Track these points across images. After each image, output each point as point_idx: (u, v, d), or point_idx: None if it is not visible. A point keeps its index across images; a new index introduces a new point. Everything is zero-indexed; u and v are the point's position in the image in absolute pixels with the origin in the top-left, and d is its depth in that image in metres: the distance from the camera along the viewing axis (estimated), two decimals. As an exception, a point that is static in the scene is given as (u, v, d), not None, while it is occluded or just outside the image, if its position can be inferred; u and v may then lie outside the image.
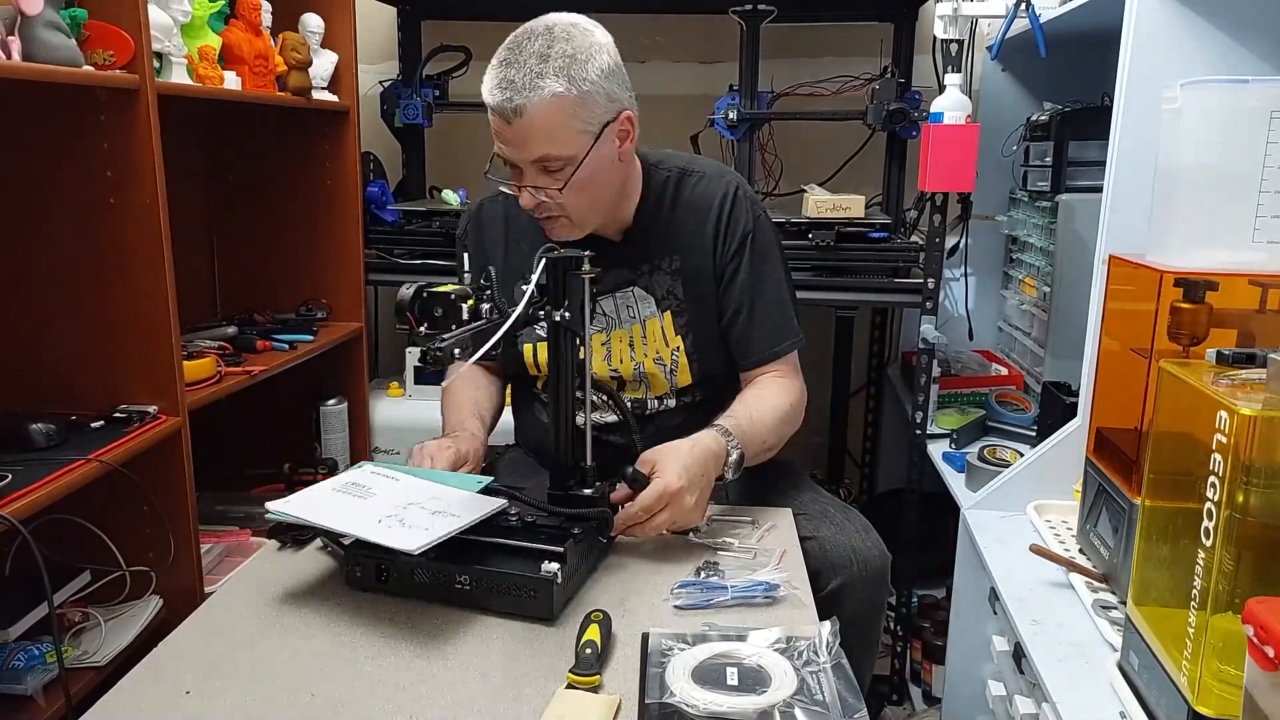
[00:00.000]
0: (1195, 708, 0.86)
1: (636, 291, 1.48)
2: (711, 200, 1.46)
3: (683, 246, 1.47)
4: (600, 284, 1.45)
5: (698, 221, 1.46)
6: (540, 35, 1.28)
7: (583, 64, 1.27)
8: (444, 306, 1.06)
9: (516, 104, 1.25)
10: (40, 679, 1.33)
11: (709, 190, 1.47)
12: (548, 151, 1.29)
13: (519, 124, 1.26)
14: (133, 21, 1.39)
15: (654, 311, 1.48)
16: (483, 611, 1.10)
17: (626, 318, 1.48)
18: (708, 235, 1.46)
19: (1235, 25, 1.33)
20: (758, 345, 1.48)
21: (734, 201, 1.46)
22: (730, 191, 1.47)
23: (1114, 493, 1.23)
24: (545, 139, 1.28)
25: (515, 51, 1.27)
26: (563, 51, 1.26)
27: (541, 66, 1.25)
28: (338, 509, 1.17)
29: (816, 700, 0.92)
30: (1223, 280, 1.12)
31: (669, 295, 1.48)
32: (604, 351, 1.48)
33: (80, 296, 1.49)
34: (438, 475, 1.29)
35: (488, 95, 1.28)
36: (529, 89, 1.24)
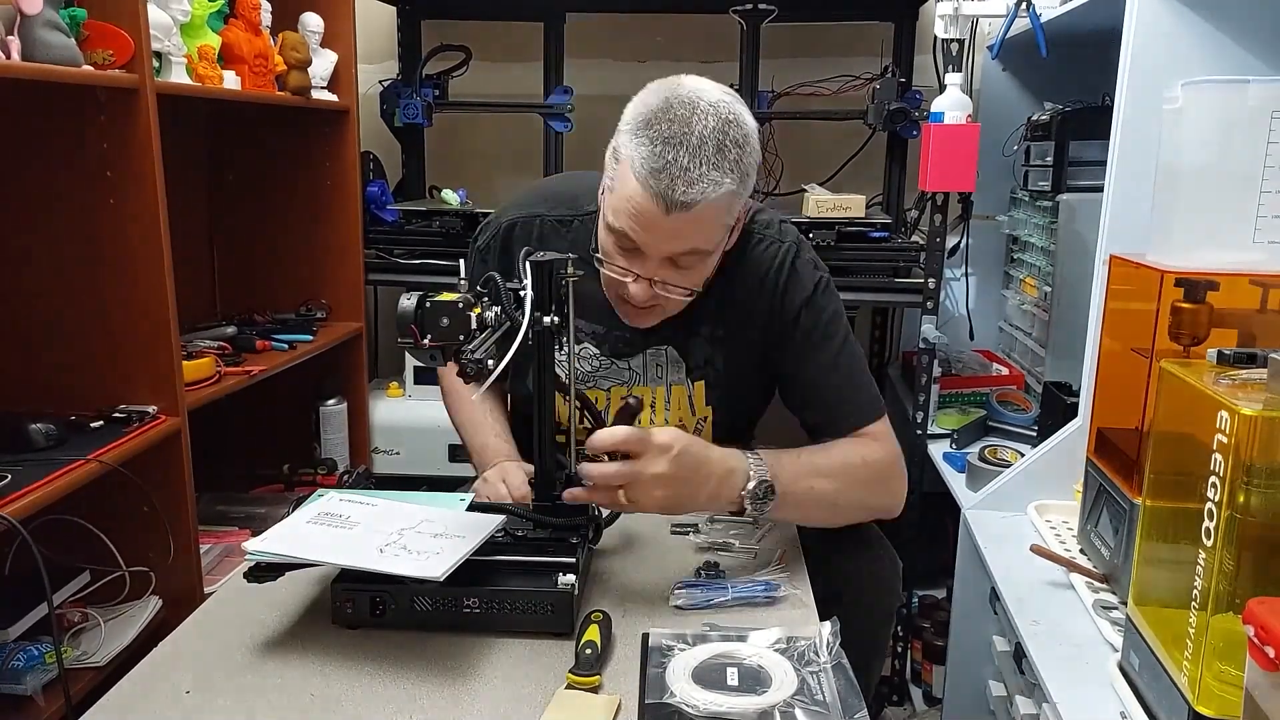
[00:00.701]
0: (1196, 708, 0.86)
1: (670, 352, 1.37)
2: (767, 267, 1.31)
3: (729, 316, 1.33)
4: (633, 345, 1.37)
5: (750, 290, 1.31)
6: (706, 113, 1.12)
7: (752, 154, 1.16)
8: (450, 316, 0.99)
9: (689, 198, 1.10)
10: (40, 679, 1.33)
11: (767, 255, 1.31)
12: (696, 246, 1.16)
13: (680, 217, 1.11)
14: (132, 21, 1.39)
15: (683, 379, 1.37)
16: (493, 634, 1.05)
17: (653, 377, 1.38)
18: (761, 305, 1.31)
19: (1235, 25, 1.33)
20: (837, 424, 1.30)
21: (792, 268, 1.31)
22: (789, 257, 1.31)
23: (1115, 493, 1.23)
24: (700, 234, 1.16)
25: (682, 128, 1.11)
26: (736, 140, 1.13)
27: (718, 157, 1.11)
28: (324, 542, 1.08)
29: (817, 700, 0.92)
30: (1223, 280, 1.12)
31: (706, 365, 1.37)
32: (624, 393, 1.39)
33: (80, 296, 1.49)
34: (412, 497, 1.25)
35: (647, 174, 1.10)
36: (704, 182, 1.10)
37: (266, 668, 1.00)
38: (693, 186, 1.10)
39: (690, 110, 1.12)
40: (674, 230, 1.14)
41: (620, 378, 1.40)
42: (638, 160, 1.12)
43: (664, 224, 1.13)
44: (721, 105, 1.14)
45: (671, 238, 1.15)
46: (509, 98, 2.44)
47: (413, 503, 1.22)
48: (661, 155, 1.10)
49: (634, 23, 2.50)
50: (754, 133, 1.17)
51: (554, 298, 1.13)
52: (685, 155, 1.10)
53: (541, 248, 1.32)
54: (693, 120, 1.11)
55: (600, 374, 1.41)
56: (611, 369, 1.40)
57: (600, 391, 1.42)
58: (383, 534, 1.11)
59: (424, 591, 1.06)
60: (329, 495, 1.23)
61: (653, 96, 1.16)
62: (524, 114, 2.39)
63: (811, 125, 2.35)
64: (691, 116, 1.12)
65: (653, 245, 1.16)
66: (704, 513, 1.33)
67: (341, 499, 1.21)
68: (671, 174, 1.10)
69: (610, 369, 1.40)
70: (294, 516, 1.16)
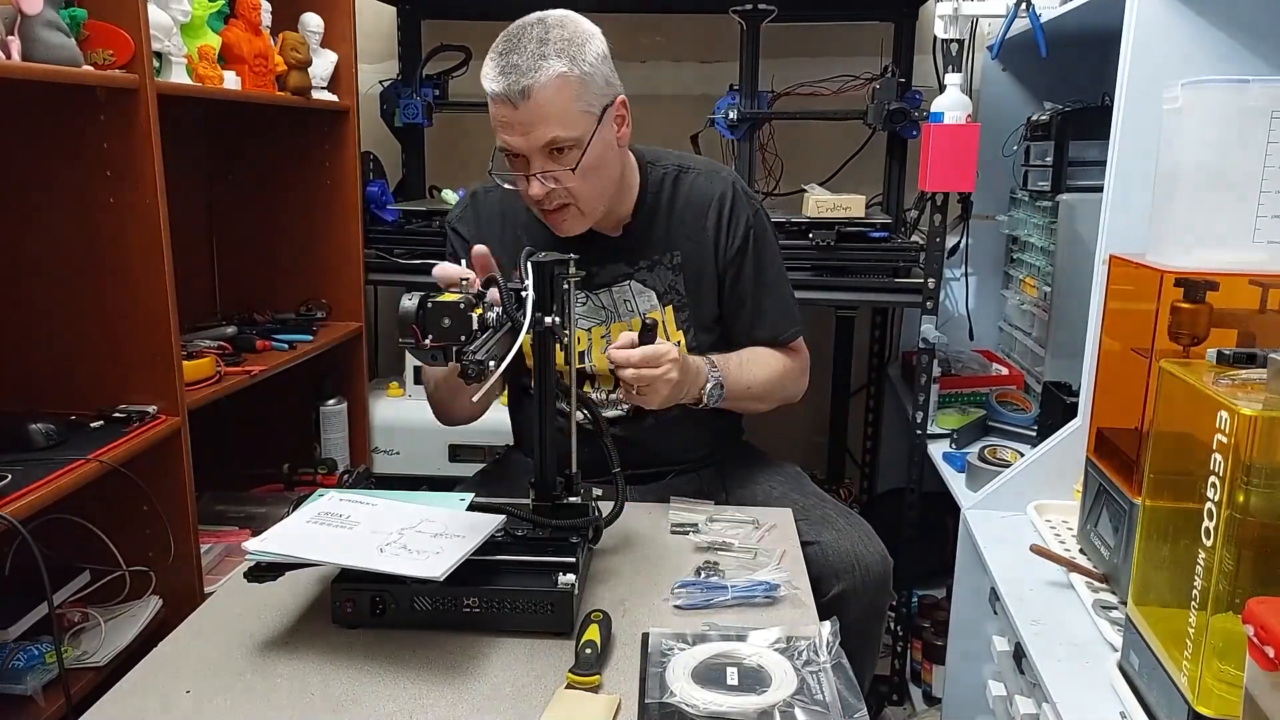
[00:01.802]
0: (1195, 708, 0.86)
1: (634, 285, 1.50)
2: (710, 197, 1.49)
3: (683, 242, 1.49)
4: (598, 278, 1.48)
5: (697, 218, 1.49)
6: (535, 25, 1.30)
7: (580, 46, 1.30)
8: (452, 316, 1.01)
9: (523, 85, 1.26)
10: (40, 679, 1.33)
11: (708, 187, 1.50)
12: (557, 133, 1.30)
13: (526, 107, 1.27)
14: (132, 21, 1.39)
15: (655, 305, 1.50)
16: (493, 634, 1.06)
17: (625, 311, 1.50)
18: (708, 232, 1.49)
19: (1235, 25, 1.33)
20: (764, 336, 1.53)
21: (734, 198, 1.49)
22: (729, 189, 1.50)
23: (1114, 493, 1.23)
24: (554, 119, 1.29)
25: (514, 40, 1.29)
26: (560, 36, 1.29)
27: (543, 49, 1.27)
28: (324, 542, 1.09)
29: (816, 700, 0.92)
30: (1223, 280, 1.12)
31: (671, 290, 1.50)
32: (603, 345, 1.48)
33: (80, 296, 1.49)
34: (412, 497, 1.26)
35: (491, 83, 1.29)
36: (534, 70, 1.26)
37: (266, 668, 1.01)
38: (524, 75, 1.27)
39: (520, 27, 1.31)
40: (529, 120, 1.29)
41: (597, 317, 1.50)
42: (486, 77, 1.30)
43: (518, 117, 1.29)
44: (549, 17, 1.33)
45: (531, 127, 1.29)
46: (509, 98, 2.43)
47: (413, 503, 1.22)
48: (498, 63, 1.29)
49: (634, 23, 2.50)
50: (586, 32, 1.33)
51: (554, 297, 1.14)
52: (515, 55, 1.28)
53: (503, 210, 1.51)
54: (521, 32, 1.30)
55: (577, 311, 1.47)
56: (588, 306, 1.49)
57: (581, 332, 1.49)
58: (383, 534, 1.11)
59: (424, 591, 1.06)
60: (329, 495, 1.23)
61: None
62: (524, 114, 2.39)
63: (811, 125, 2.34)
64: (521, 30, 1.31)
65: (521, 142, 1.31)
66: None
67: (341, 499, 1.21)
68: (506, 73, 1.27)
69: (586, 306, 1.49)
70: (294, 516, 1.16)
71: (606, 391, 1.47)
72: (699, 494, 1.49)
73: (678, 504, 1.41)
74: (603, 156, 1.36)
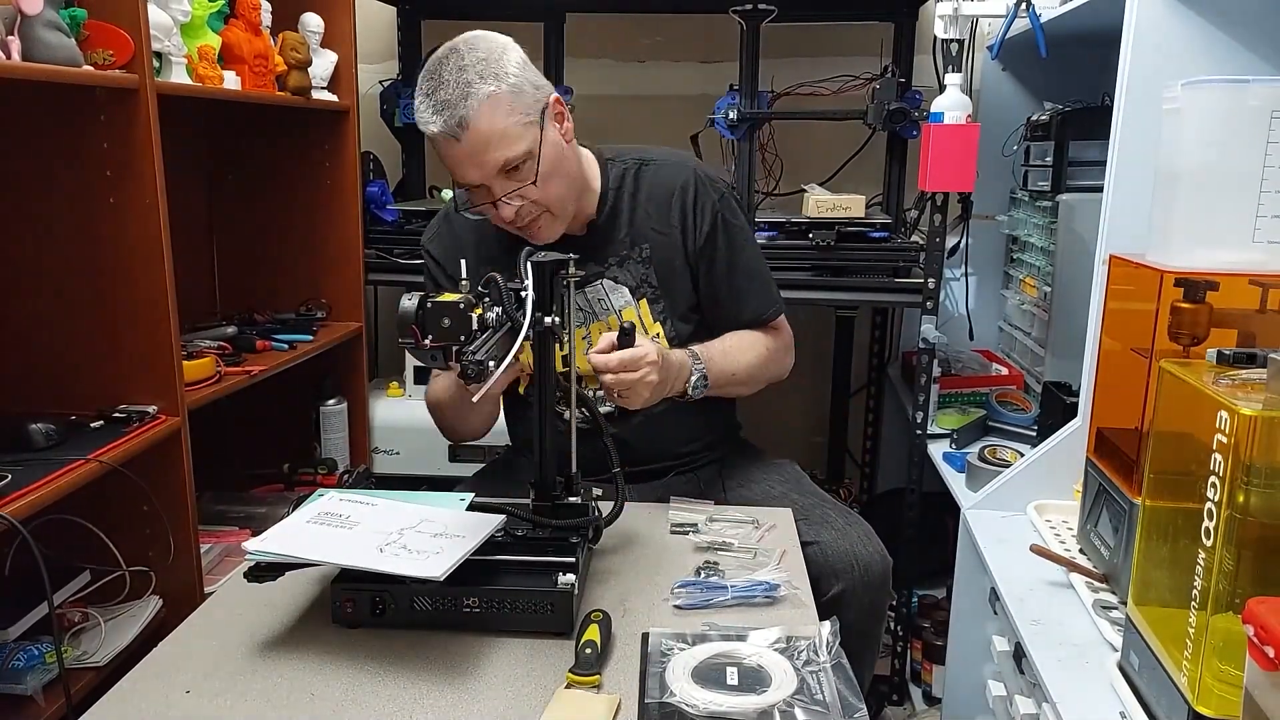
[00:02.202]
0: (1195, 708, 0.86)
1: (606, 284, 1.50)
2: (673, 186, 1.49)
3: (651, 234, 1.50)
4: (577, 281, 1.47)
5: (661, 209, 1.49)
6: (449, 55, 1.31)
7: (498, 60, 1.31)
8: (452, 316, 1.02)
9: (459, 116, 1.27)
10: (40, 679, 1.33)
11: (669, 177, 1.50)
12: (506, 154, 1.31)
13: (468, 138, 1.29)
14: (132, 21, 1.39)
15: (629, 301, 1.50)
16: (493, 634, 1.06)
17: (601, 310, 1.50)
18: (675, 222, 1.49)
19: (1235, 25, 1.33)
20: (746, 319, 1.54)
21: (696, 185, 1.49)
22: (690, 177, 1.50)
23: (1114, 493, 1.23)
24: (498, 141, 1.30)
25: (435, 77, 1.30)
26: (476, 58, 1.30)
27: (464, 75, 1.28)
28: (324, 542, 1.09)
29: (816, 700, 0.92)
30: (1223, 280, 1.12)
31: (643, 284, 1.50)
32: (585, 345, 1.47)
33: (80, 296, 1.49)
34: (415, 497, 1.26)
35: (429, 125, 1.30)
36: (463, 99, 1.27)
37: (266, 668, 1.01)
38: (456, 107, 1.27)
39: (437, 62, 1.32)
40: (475, 148, 1.30)
41: (576, 319, 1.49)
42: (421, 121, 1.31)
43: (464, 151, 1.30)
44: (459, 42, 1.33)
45: (480, 155, 1.30)
46: (509, 98, 2.43)
47: (413, 503, 1.22)
48: (428, 103, 1.30)
49: (634, 23, 2.51)
50: (500, 45, 1.34)
51: (554, 297, 1.14)
52: (441, 91, 1.29)
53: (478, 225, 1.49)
54: (439, 67, 1.31)
55: None
56: None
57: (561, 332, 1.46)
58: (383, 534, 1.11)
59: (424, 591, 1.06)
60: (329, 495, 1.23)
61: None
62: (524, 114, 2.39)
63: (811, 125, 2.34)
64: (439, 65, 1.31)
65: (475, 172, 1.32)
66: None
67: (341, 499, 1.21)
68: (439, 110, 1.29)
69: None
70: (294, 516, 1.16)
71: (592, 391, 1.47)
72: (698, 494, 1.49)
73: (677, 504, 1.41)
74: (557, 158, 1.37)
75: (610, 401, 1.34)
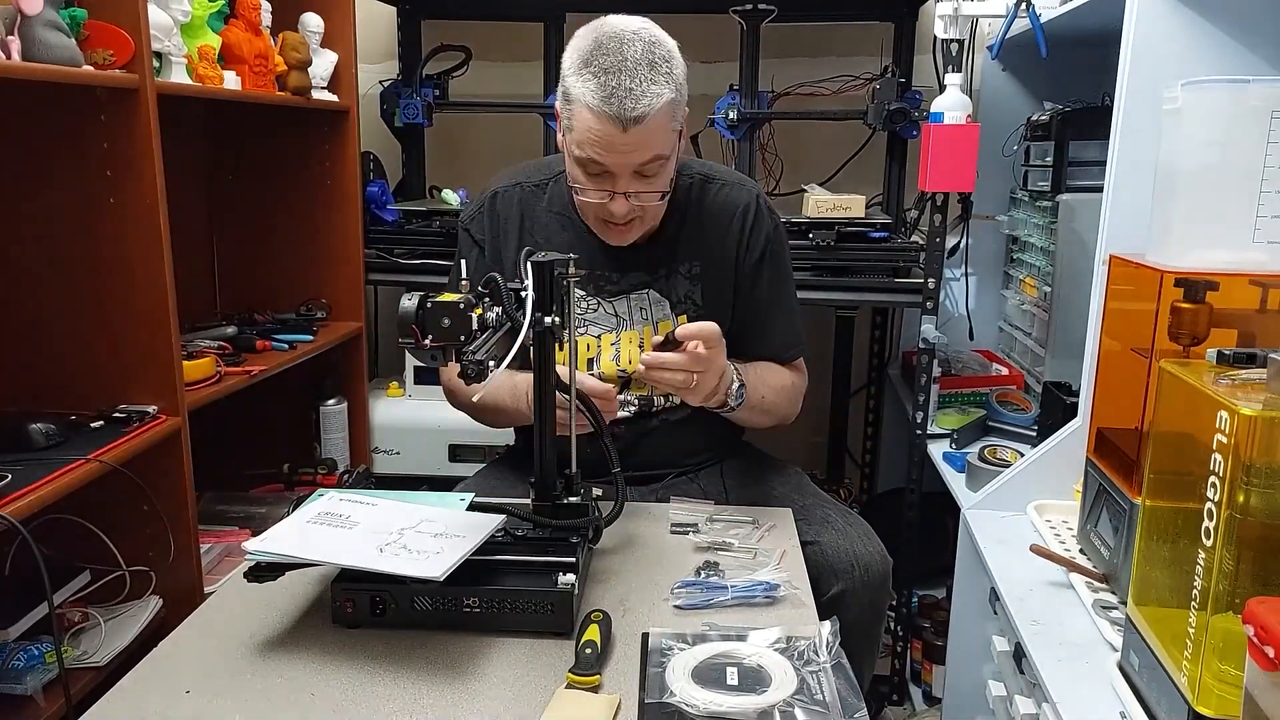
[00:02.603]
0: (1195, 708, 0.86)
1: (651, 294, 1.49)
2: (735, 208, 1.49)
3: (703, 252, 1.48)
4: (618, 286, 1.47)
5: (720, 229, 1.48)
6: (634, 41, 1.28)
7: (678, 65, 1.31)
8: (452, 316, 1.01)
9: (639, 113, 1.25)
10: (40, 679, 1.33)
11: (732, 198, 1.49)
12: (656, 153, 1.30)
13: (636, 131, 1.26)
14: (132, 21, 1.39)
15: (668, 315, 1.48)
16: (493, 634, 1.06)
17: (639, 319, 1.49)
18: (730, 243, 1.48)
19: (1235, 25, 1.33)
20: (771, 352, 1.52)
21: (757, 211, 1.49)
22: (753, 201, 1.50)
23: (1114, 493, 1.23)
24: (656, 143, 1.30)
25: (617, 58, 1.26)
26: (662, 56, 1.28)
27: (653, 73, 1.26)
28: (324, 542, 1.09)
29: (816, 700, 0.92)
30: (1223, 280, 1.12)
31: (687, 299, 1.49)
32: (612, 351, 1.48)
33: (80, 296, 1.49)
34: (415, 497, 1.26)
35: (599, 103, 1.25)
36: (647, 96, 1.25)
37: (266, 668, 1.01)
38: (639, 102, 1.25)
39: (619, 42, 1.28)
40: (634, 144, 1.28)
41: (608, 324, 1.48)
42: (589, 94, 1.26)
43: (624, 141, 1.28)
44: (643, 31, 1.30)
45: (633, 151, 1.29)
46: (509, 98, 2.44)
47: (413, 503, 1.22)
48: (607, 84, 1.25)
49: (634, 23, 2.50)
50: (675, 48, 1.33)
51: (555, 297, 1.14)
52: (627, 78, 1.25)
53: (522, 211, 1.49)
54: (624, 49, 1.27)
55: (589, 318, 1.48)
56: (599, 313, 1.47)
57: (591, 338, 1.47)
58: (383, 534, 1.11)
59: (424, 591, 1.06)
60: (329, 495, 1.23)
61: (583, 40, 1.31)
62: (524, 114, 2.39)
63: (811, 125, 2.35)
64: (622, 46, 1.27)
65: (619, 163, 1.30)
66: None
67: (342, 499, 1.21)
68: (620, 96, 1.25)
69: (598, 313, 1.47)
70: (294, 516, 1.16)
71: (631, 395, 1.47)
72: (699, 495, 1.49)
73: (678, 504, 1.41)
74: (672, 171, 1.37)
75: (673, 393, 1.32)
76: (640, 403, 1.48)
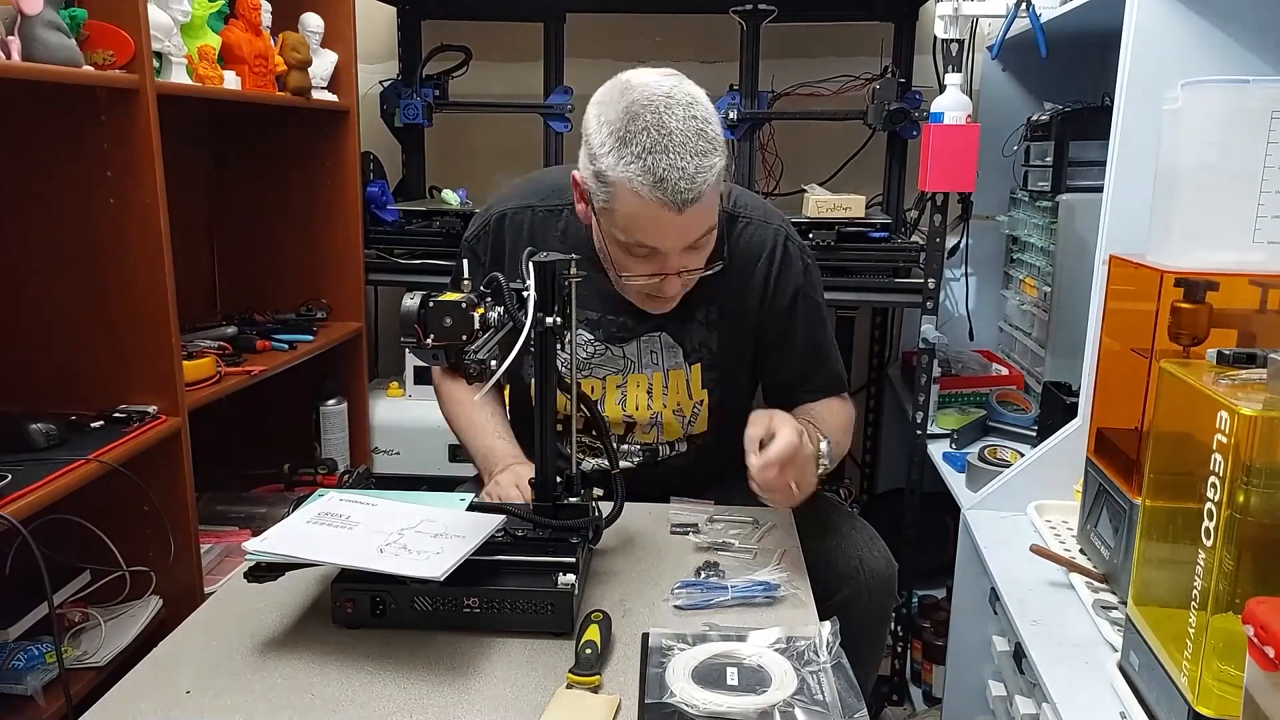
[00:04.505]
0: (1195, 708, 0.86)
1: (664, 338, 1.41)
2: (760, 253, 1.39)
3: (722, 298, 1.39)
4: (632, 331, 1.41)
5: (743, 274, 1.38)
6: (671, 109, 1.16)
7: (717, 125, 1.20)
8: (454, 316, 1.00)
9: (695, 193, 1.15)
10: (40, 679, 1.33)
11: (756, 239, 1.39)
12: (710, 224, 1.23)
13: (692, 211, 1.17)
14: (132, 21, 1.39)
15: (680, 363, 1.42)
16: (493, 634, 1.06)
17: (649, 363, 1.42)
18: (754, 289, 1.39)
19: (1235, 25, 1.33)
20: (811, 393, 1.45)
21: (784, 256, 1.39)
22: (780, 243, 1.39)
23: (1114, 493, 1.23)
24: (711, 214, 1.23)
25: (659, 135, 1.15)
26: (704, 119, 1.18)
27: (700, 142, 1.16)
28: (324, 542, 1.08)
29: (817, 700, 0.92)
30: (1223, 280, 1.12)
31: (701, 348, 1.41)
32: (618, 394, 1.43)
33: (80, 296, 1.49)
34: (415, 497, 1.25)
35: (650, 190, 1.14)
36: (702, 172, 1.15)
37: (266, 668, 1.00)
38: (694, 181, 1.15)
39: (656, 115, 1.16)
40: (690, 223, 1.20)
41: (615, 365, 1.42)
42: (636, 180, 1.15)
43: (679, 223, 1.18)
44: (677, 93, 1.18)
45: (688, 230, 1.21)
46: (509, 98, 2.44)
47: (413, 503, 1.22)
48: (656, 166, 1.14)
49: (634, 23, 2.50)
50: (707, 100, 1.22)
51: (556, 298, 1.14)
52: (677, 158, 1.14)
53: (533, 238, 1.40)
54: (664, 121, 1.15)
55: (595, 361, 1.42)
56: (607, 356, 1.42)
57: (596, 380, 1.43)
58: (383, 534, 1.11)
59: (424, 591, 1.05)
60: (329, 495, 1.22)
61: (610, 110, 1.19)
62: (524, 114, 2.39)
63: (811, 125, 2.34)
64: (661, 119, 1.16)
65: (673, 243, 1.22)
66: None
67: (342, 499, 1.21)
68: (674, 179, 1.14)
69: (605, 356, 1.42)
70: (294, 516, 1.16)
71: (617, 439, 1.44)
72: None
73: (678, 504, 1.41)
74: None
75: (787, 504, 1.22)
76: (644, 452, 1.47)
